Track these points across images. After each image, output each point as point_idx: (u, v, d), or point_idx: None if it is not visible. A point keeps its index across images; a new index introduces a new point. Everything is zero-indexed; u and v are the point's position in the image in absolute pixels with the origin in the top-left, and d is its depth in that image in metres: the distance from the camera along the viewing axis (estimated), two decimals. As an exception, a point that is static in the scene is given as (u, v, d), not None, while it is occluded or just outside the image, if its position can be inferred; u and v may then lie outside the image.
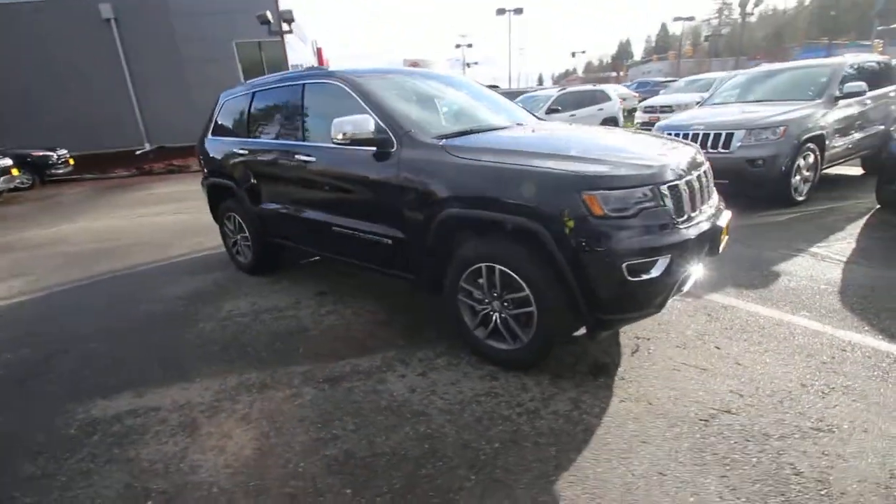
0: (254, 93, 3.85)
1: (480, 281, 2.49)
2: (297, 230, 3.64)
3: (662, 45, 73.25)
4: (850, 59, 6.04)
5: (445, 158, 2.51)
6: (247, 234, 4.15)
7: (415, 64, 54.22)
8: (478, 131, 2.88)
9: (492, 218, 2.31)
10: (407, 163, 2.64)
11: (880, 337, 2.60)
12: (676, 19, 48.28)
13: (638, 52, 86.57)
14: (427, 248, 2.62)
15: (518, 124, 3.27)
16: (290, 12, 12.60)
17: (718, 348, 2.61)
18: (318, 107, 3.26)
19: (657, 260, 2.08)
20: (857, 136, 5.82)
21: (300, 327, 3.23)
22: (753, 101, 6.10)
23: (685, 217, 2.20)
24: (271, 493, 1.83)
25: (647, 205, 2.08)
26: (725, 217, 2.52)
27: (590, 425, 2.07)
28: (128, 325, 3.49)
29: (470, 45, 34.80)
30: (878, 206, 4.89)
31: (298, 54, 19.38)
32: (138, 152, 16.14)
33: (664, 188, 2.12)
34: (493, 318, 2.50)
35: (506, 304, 2.42)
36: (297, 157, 3.31)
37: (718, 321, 2.89)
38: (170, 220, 7.27)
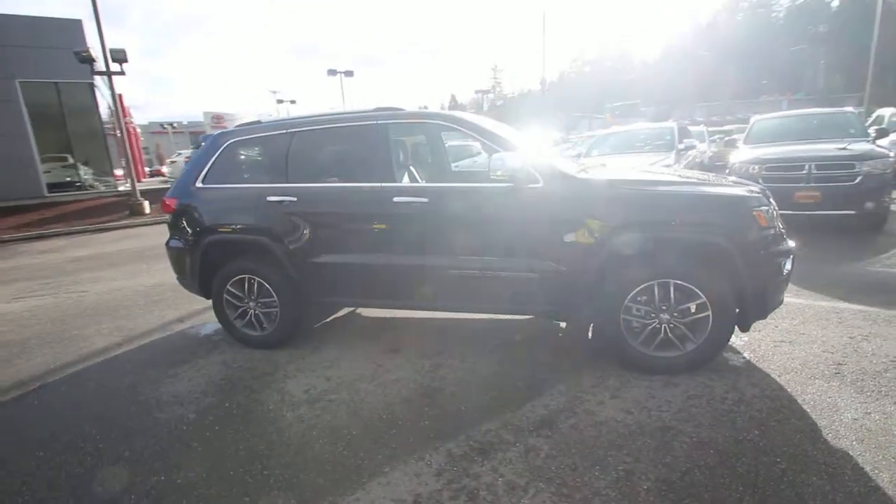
0: (294, 132, 3.31)
1: (641, 298, 2.73)
2: (373, 282, 3.20)
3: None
4: (675, 123, 8.46)
5: (606, 191, 2.74)
6: (273, 298, 3.40)
7: (218, 117, 50.38)
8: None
9: (670, 238, 2.62)
10: (564, 196, 2.75)
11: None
12: (479, 91, 56.98)
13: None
14: (591, 275, 2.74)
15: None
16: (123, 52, 10.52)
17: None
18: (418, 147, 3.08)
19: (790, 257, 2.71)
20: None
21: (424, 388, 2.84)
22: (623, 154, 7.87)
23: None
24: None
25: (776, 215, 2.72)
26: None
27: (779, 396, 2.48)
28: (195, 441, 2.48)
29: (293, 102, 34.33)
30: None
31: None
32: None
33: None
34: (662, 330, 2.75)
35: (675, 314, 2.71)
36: (396, 199, 3.00)
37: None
38: (31, 305, 5.17)
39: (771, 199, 2.76)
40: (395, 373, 3.07)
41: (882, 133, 6.38)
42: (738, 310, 2.68)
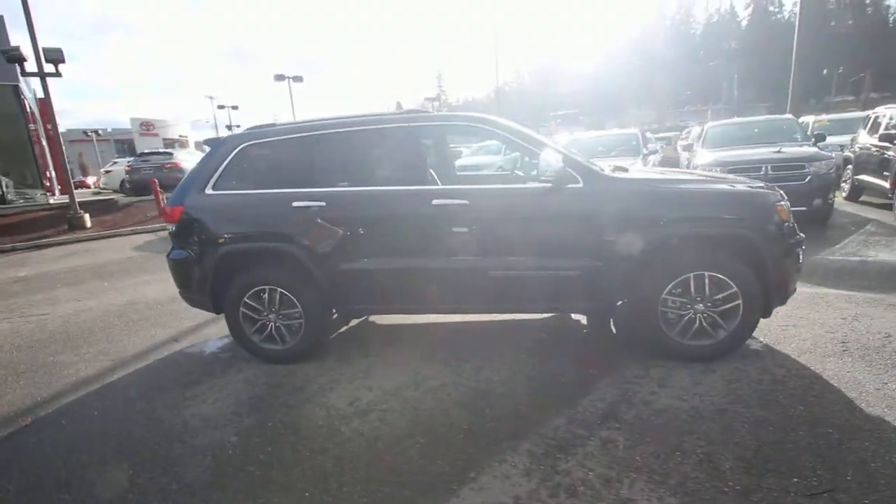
0: (318, 135, 3.18)
1: (677, 291, 2.89)
2: (409, 287, 3.14)
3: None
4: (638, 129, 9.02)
5: (642, 190, 2.88)
6: (297, 309, 3.24)
7: (147, 124, 47.09)
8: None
9: (704, 232, 2.79)
10: (603, 195, 2.86)
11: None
12: (428, 99, 57.21)
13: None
14: (629, 270, 2.85)
15: None
16: (59, 51, 9.50)
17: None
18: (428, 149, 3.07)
19: (802, 248, 2.98)
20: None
21: (473, 391, 2.82)
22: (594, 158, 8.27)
23: None
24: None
25: (790, 209, 2.98)
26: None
27: (805, 374, 2.71)
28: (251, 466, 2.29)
29: (235, 108, 32.65)
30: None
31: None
32: None
33: (783, 201, 3.07)
34: (697, 320, 2.91)
35: (709, 304, 2.88)
36: (435, 202, 2.96)
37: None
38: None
39: (783, 195, 3.02)
40: (437, 378, 3.02)
41: (820, 138, 7.16)
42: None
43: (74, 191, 11.34)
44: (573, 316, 3.86)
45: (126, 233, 10.88)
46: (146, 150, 18.26)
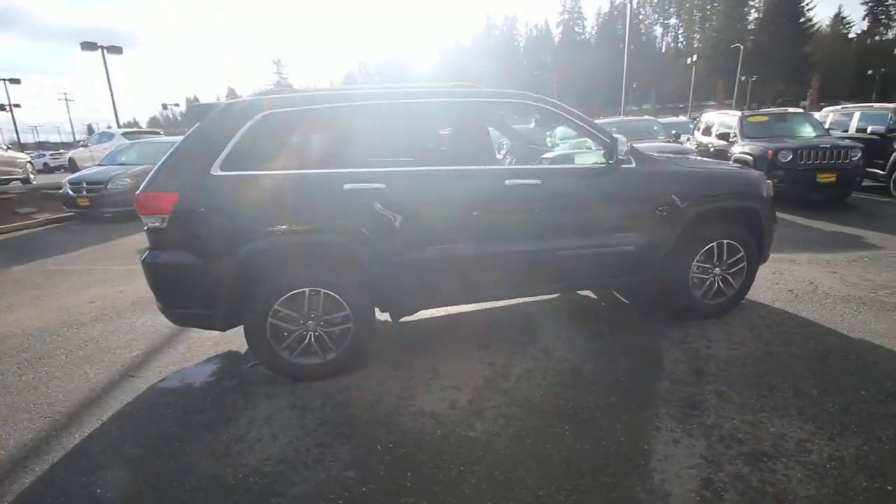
0: (365, 106, 2.68)
1: (702, 258, 3.32)
2: (478, 273, 2.92)
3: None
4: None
5: (677, 169, 3.21)
6: (345, 312, 2.73)
7: None
8: None
9: (727, 206, 3.25)
10: (653, 175, 3.10)
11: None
12: (279, 85, 52.34)
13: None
14: (672, 243, 3.16)
15: None
16: None
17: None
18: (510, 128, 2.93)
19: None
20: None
21: (564, 373, 2.80)
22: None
23: None
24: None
25: None
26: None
27: (818, 321, 3.42)
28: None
29: (17, 81, 24.45)
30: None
31: None
32: None
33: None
34: (715, 282, 3.39)
35: (725, 268, 3.38)
36: (508, 182, 2.80)
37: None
38: None
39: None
40: (516, 365, 2.90)
41: (677, 136, 8.88)
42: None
43: None
44: (578, 292, 4.10)
45: None
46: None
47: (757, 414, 2.32)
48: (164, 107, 45.44)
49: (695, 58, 43.07)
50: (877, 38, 58.40)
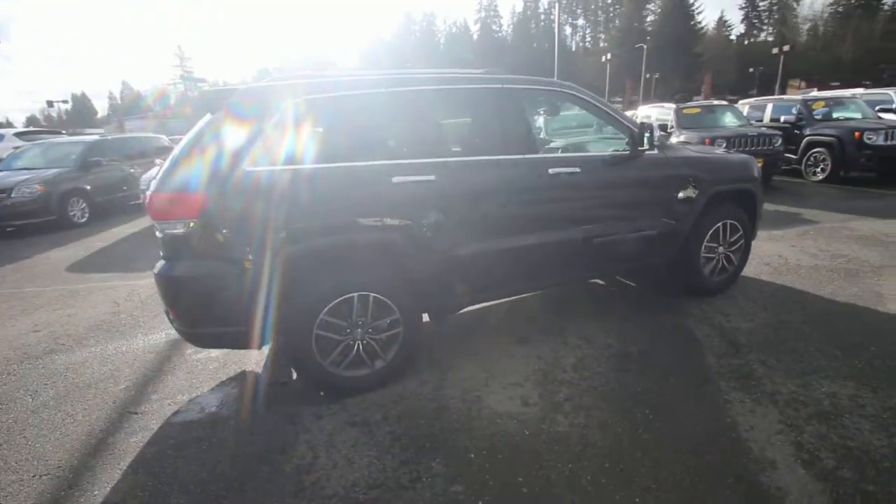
0: (412, 92, 2.48)
1: (710, 238, 3.54)
2: (520, 266, 2.84)
3: (134, 105, 68.61)
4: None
5: (691, 155, 3.37)
6: (395, 316, 2.53)
7: None
8: None
9: (734, 189, 3.48)
10: (675, 160, 3.23)
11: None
12: (189, 79, 47.63)
13: (102, 109, 76.51)
14: (689, 226, 3.33)
15: None
16: None
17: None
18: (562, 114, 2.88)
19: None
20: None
21: (617, 358, 2.83)
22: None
23: None
24: None
25: None
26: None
27: (818, 291, 3.77)
28: None
29: None
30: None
31: None
32: None
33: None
34: (720, 260, 3.62)
35: (727, 246, 3.62)
36: (551, 170, 2.74)
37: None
38: None
39: None
40: (568, 356, 2.88)
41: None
42: (748, 234, 3.84)
43: None
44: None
45: None
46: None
47: (803, 377, 2.51)
48: (50, 104, 39.47)
49: (608, 56, 46.13)
50: (753, 39, 66.67)
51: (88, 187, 8.28)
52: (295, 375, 2.86)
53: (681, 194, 3.27)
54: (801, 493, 1.77)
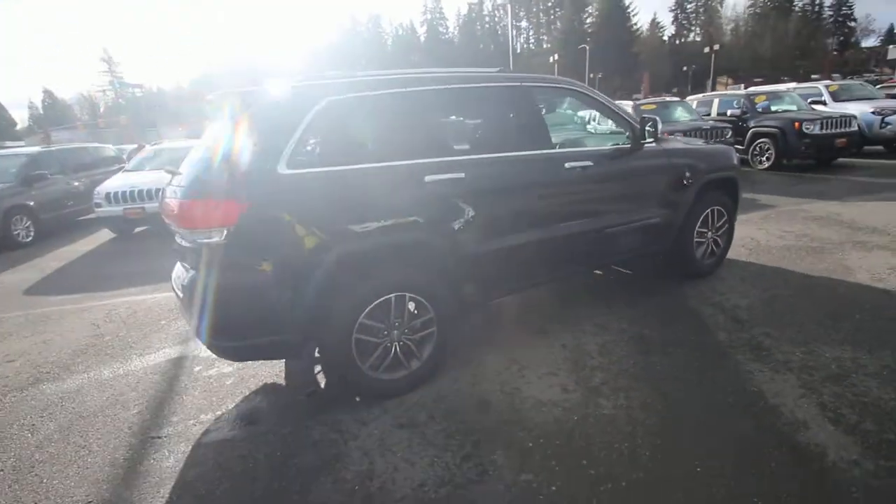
0: (439, 91, 2.49)
1: (700, 224, 3.78)
2: (538, 259, 2.92)
3: (58, 115, 63.08)
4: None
5: (682, 147, 3.59)
6: (429, 315, 2.53)
7: None
8: None
9: (721, 177, 3.73)
10: (672, 151, 3.42)
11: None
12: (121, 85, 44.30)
13: (21, 119, 69.75)
14: (684, 213, 3.54)
15: None
16: None
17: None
18: (549, 113, 2.98)
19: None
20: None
21: (642, 335, 2.97)
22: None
23: None
24: None
25: None
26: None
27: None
28: None
29: None
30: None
31: None
32: None
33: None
34: (709, 245, 3.87)
35: (714, 231, 3.87)
36: (567, 165, 2.83)
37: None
38: None
39: None
40: (589, 342, 2.98)
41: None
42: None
43: None
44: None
45: None
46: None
47: (807, 345, 2.74)
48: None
49: (556, 56, 47.60)
50: (683, 39, 71.08)
51: (32, 203, 7.61)
52: (323, 384, 2.80)
53: (679, 183, 3.47)
54: (838, 447, 1.95)
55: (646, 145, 3.28)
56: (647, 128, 3.15)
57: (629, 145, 3.19)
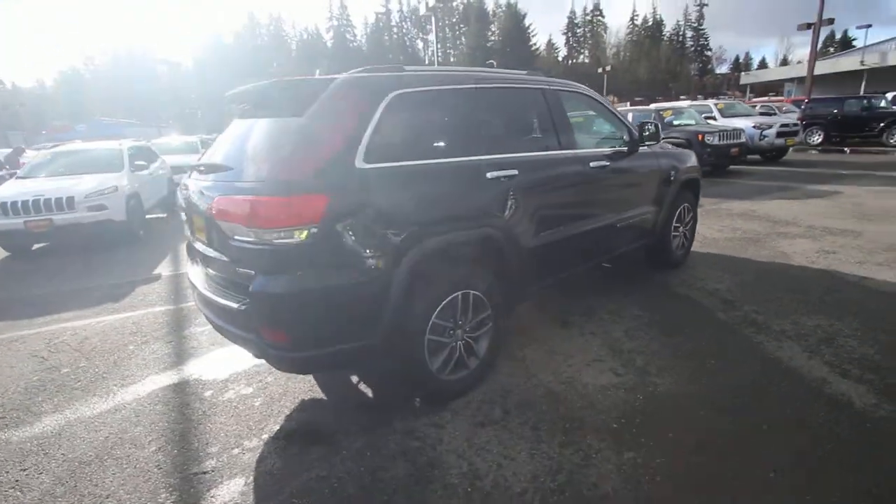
0: (491, 90, 2.56)
1: (675, 219, 4.23)
2: (571, 253, 3.08)
3: None
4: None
5: (667, 149, 4.01)
6: (487, 312, 2.53)
7: None
8: None
9: (689, 177, 4.21)
10: (664, 152, 3.82)
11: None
12: None
13: None
14: (668, 208, 3.94)
15: None
16: None
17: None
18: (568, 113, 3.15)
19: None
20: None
21: (659, 320, 3.22)
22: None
23: None
24: None
25: None
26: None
27: (794, 262, 4.68)
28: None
29: None
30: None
31: None
32: None
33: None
34: (683, 236, 4.33)
35: (684, 224, 4.35)
36: (592, 164, 3.01)
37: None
38: None
39: None
40: (614, 330, 3.18)
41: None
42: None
43: None
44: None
45: None
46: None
47: (790, 317, 3.21)
48: None
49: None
50: (574, 60, 78.05)
51: None
52: (371, 393, 2.64)
53: (666, 181, 3.87)
54: (858, 394, 2.33)
55: (641, 148, 3.62)
56: (648, 129, 3.49)
57: (626, 147, 3.48)
